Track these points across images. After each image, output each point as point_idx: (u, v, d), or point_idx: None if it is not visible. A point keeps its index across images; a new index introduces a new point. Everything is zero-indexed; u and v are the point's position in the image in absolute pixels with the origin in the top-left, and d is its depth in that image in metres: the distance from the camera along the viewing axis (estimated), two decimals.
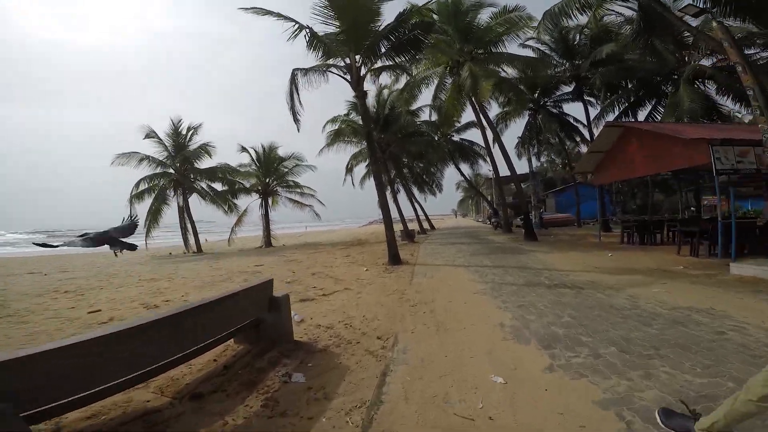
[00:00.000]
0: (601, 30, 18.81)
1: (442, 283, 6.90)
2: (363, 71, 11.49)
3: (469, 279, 7.13)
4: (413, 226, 27.48)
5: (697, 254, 8.97)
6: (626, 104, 18.32)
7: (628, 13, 14.44)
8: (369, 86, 22.62)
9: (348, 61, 11.29)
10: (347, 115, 18.03)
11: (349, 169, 24.96)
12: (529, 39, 19.49)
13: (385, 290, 6.65)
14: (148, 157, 22.25)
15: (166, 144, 23.00)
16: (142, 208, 21.75)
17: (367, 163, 26.02)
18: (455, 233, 24.50)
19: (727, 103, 15.56)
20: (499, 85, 17.08)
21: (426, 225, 30.18)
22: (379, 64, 11.95)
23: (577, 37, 19.87)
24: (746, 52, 15.56)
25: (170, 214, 24.23)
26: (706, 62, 15.03)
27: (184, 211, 23.62)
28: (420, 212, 29.42)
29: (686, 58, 15.62)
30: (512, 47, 17.53)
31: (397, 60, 11.68)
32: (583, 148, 27.34)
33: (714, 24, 8.22)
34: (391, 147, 19.07)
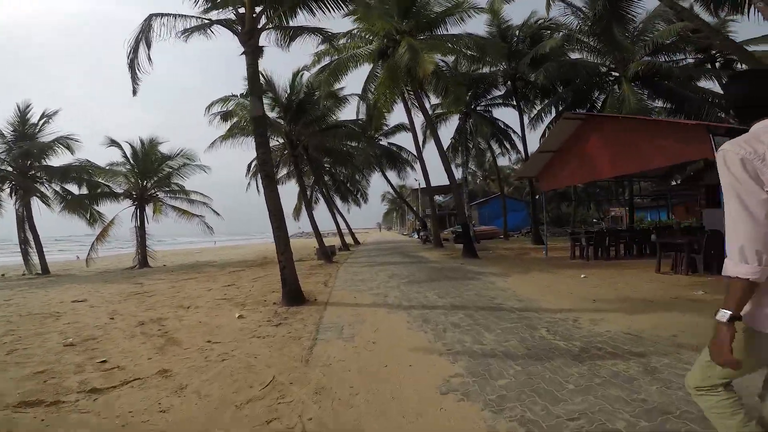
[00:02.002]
0: (541, 28, 17.80)
1: (372, 359, 3.48)
2: (262, 21, 8.06)
3: (421, 344, 3.82)
4: (334, 241, 23.95)
5: (687, 271, 7.19)
6: (559, 108, 17.32)
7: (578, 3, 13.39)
8: (283, 62, 18.44)
9: (242, 10, 7.79)
10: (246, 95, 13.92)
11: (254, 173, 20.58)
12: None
13: (243, 385, 3.02)
14: None
15: (4, 134, 16.99)
16: None
17: (286, 168, 21.92)
18: (382, 248, 21.53)
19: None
20: (435, 74, 14.73)
21: (349, 239, 26.84)
22: (292, 23, 8.72)
23: (516, 35, 18.57)
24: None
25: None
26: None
27: (24, 220, 17.44)
28: (342, 225, 25.99)
29: (624, 58, 14.92)
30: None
31: (315, 8, 8.37)
32: (513, 157, 26.88)
33: None
34: (304, 140, 15.31)
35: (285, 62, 15.08)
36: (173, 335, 4.55)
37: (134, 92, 7.83)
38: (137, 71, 7.62)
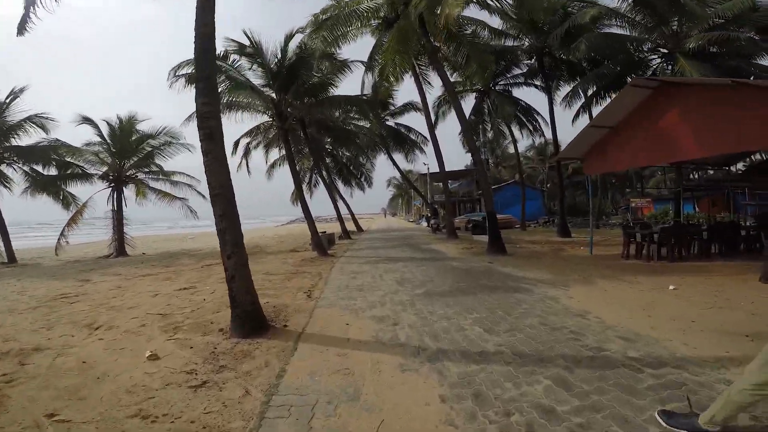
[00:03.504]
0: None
1: None
2: None
3: None
4: (334, 227, 21.77)
5: None
6: (589, 89, 14.81)
7: None
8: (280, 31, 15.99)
9: None
10: (224, 58, 11.29)
11: (244, 153, 18.36)
12: None
13: None
14: None
15: None
16: None
17: (280, 150, 19.56)
18: (388, 237, 19.26)
19: None
20: (456, 38, 12.33)
21: (351, 226, 24.63)
22: None
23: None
24: None
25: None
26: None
27: None
28: (344, 210, 23.76)
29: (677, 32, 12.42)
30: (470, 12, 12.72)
31: None
32: (536, 140, 24.38)
33: None
34: (295, 112, 12.89)
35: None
36: (11, 390, 2.43)
37: (20, 30, 6.26)
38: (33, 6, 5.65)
